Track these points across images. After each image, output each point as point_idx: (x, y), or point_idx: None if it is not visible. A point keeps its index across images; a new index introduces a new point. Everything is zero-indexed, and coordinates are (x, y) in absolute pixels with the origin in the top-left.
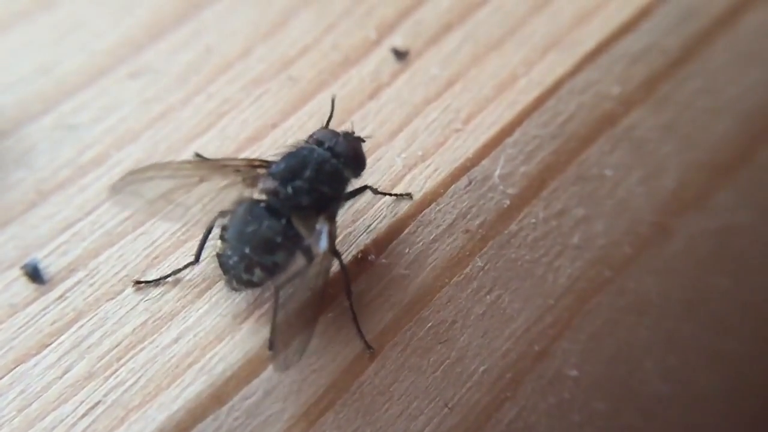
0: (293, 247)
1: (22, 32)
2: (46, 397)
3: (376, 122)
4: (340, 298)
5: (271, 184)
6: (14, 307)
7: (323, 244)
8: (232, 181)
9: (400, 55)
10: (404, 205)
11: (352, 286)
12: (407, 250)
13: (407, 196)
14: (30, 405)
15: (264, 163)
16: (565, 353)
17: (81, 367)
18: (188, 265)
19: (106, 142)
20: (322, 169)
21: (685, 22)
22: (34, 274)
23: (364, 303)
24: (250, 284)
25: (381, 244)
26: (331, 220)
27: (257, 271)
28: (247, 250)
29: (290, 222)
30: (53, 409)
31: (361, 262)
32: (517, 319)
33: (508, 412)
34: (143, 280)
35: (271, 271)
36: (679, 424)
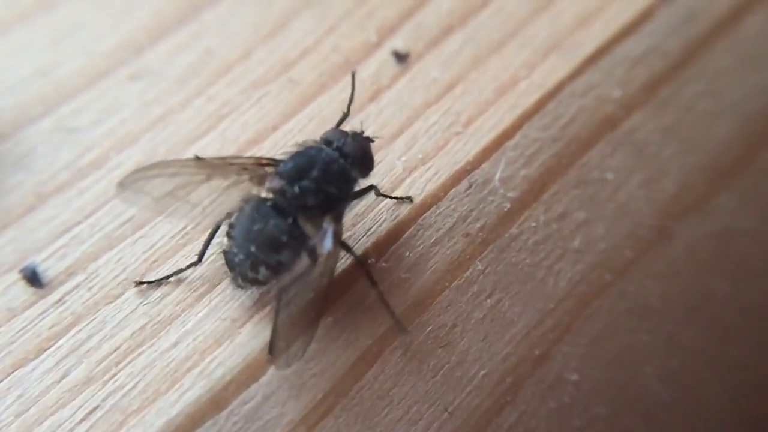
0: (299, 247)
1: (22, 34)
2: (44, 402)
3: (376, 125)
4: (339, 301)
5: (278, 183)
6: (12, 311)
7: (327, 244)
8: (239, 179)
9: (401, 58)
10: (404, 209)
11: (355, 286)
12: (407, 254)
13: (408, 199)
14: (28, 410)
15: (272, 162)
16: (566, 357)
17: (79, 371)
18: (191, 266)
19: (105, 144)
20: (330, 170)
21: (687, 25)
22: (33, 278)
23: (364, 307)
24: (255, 282)
25: (381, 248)
26: (337, 220)
27: (262, 270)
28: (253, 249)
29: (296, 221)
30: (51, 414)
31: (360, 265)
32: (518, 323)
33: (509, 416)
34: (144, 280)
35: (276, 270)
36: (680, 428)
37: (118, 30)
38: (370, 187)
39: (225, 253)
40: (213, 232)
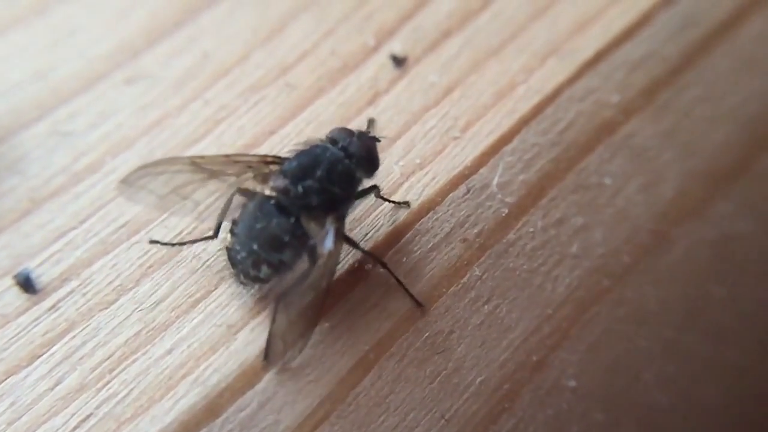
0: (300, 246)
1: (17, 38)
2: (37, 410)
3: (374, 129)
4: (336, 307)
5: (281, 183)
6: (5, 317)
7: (329, 244)
8: (243, 177)
9: (399, 62)
10: (402, 214)
11: (352, 292)
12: (404, 259)
13: (405, 204)
14: (20, 418)
15: (277, 160)
16: (564, 363)
17: (73, 378)
18: (206, 239)
19: (101, 149)
20: (334, 170)
21: (685, 30)
22: (26, 284)
23: (360, 313)
24: (257, 280)
25: (379, 253)
26: (340, 220)
27: (264, 268)
28: (255, 247)
29: (299, 220)
30: (44, 422)
31: (357, 271)
32: (515, 329)
33: (506, 423)
34: (160, 241)
35: (278, 268)
36: None
37: (115, 33)
38: (373, 187)
39: (228, 250)
40: (226, 207)
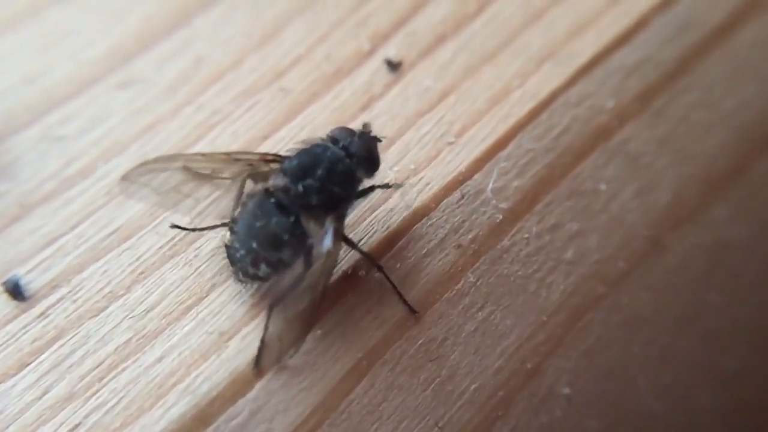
0: (299, 246)
1: (8, 40)
2: (24, 420)
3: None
4: (329, 314)
5: (281, 181)
6: None
7: (327, 243)
8: (244, 175)
9: (394, 66)
10: (396, 220)
11: (345, 299)
12: (398, 266)
13: (399, 186)
14: (7, 428)
15: (277, 158)
16: (558, 371)
17: (61, 387)
18: (225, 225)
19: (93, 153)
20: (335, 169)
21: (681, 35)
22: (15, 291)
23: (353, 320)
24: (255, 278)
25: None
26: (340, 220)
27: (263, 266)
28: (254, 245)
29: (299, 219)
30: None
31: (350, 278)
32: (509, 336)
33: (500, 431)
34: (181, 226)
35: (277, 267)
36: None
37: (108, 37)
38: (373, 188)
39: (227, 247)
40: (240, 192)
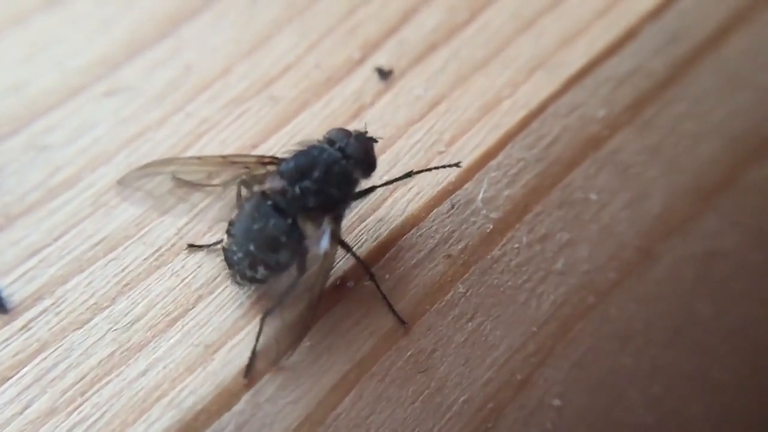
0: (297, 247)
1: None
2: None
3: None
4: (316, 326)
5: (278, 183)
6: None
7: (324, 245)
8: (240, 178)
9: (384, 75)
10: (385, 230)
11: (333, 310)
12: (387, 276)
13: (407, 175)
14: None
15: (274, 160)
16: (548, 382)
17: (43, 402)
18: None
19: (78, 163)
20: (331, 171)
21: (671, 45)
22: None
23: (341, 331)
24: (253, 281)
25: (359, 271)
26: (337, 222)
27: (261, 269)
28: (252, 248)
29: (296, 222)
30: None
31: (339, 289)
32: (499, 347)
33: None
34: (196, 244)
35: (275, 269)
36: None
37: (95, 45)
38: (372, 188)
39: (224, 250)
40: (238, 200)
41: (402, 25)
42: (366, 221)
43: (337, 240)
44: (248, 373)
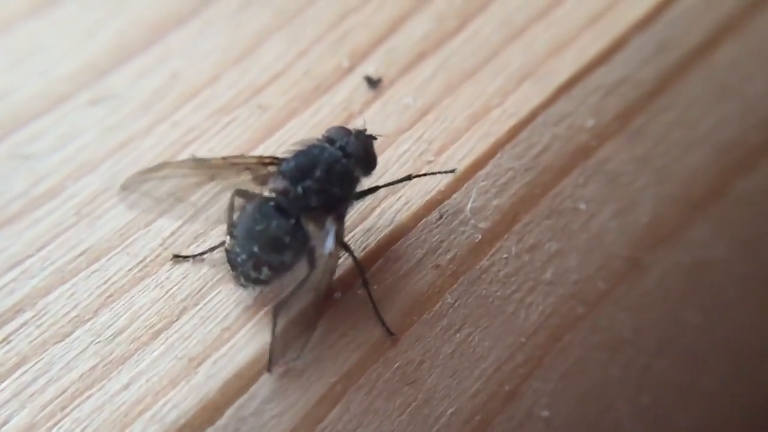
0: (301, 247)
1: None
2: None
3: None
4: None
5: (280, 184)
6: None
7: (329, 245)
8: (242, 180)
9: (373, 83)
10: (373, 240)
11: (320, 322)
12: (375, 287)
13: (407, 178)
14: None
15: (275, 161)
16: (536, 393)
17: (21, 417)
18: (221, 246)
19: (62, 172)
20: (333, 169)
21: (660, 55)
22: None
23: (328, 343)
24: (257, 282)
25: (347, 281)
26: (340, 221)
27: (265, 270)
28: (256, 249)
29: (299, 222)
30: None
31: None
32: (488, 358)
33: None
34: (182, 254)
35: (278, 269)
36: None
37: (80, 52)
38: (375, 188)
39: (227, 252)
40: (230, 210)
41: (391, 34)
42: (354, 231)
43: (340, 240)
44: (272, 352)
